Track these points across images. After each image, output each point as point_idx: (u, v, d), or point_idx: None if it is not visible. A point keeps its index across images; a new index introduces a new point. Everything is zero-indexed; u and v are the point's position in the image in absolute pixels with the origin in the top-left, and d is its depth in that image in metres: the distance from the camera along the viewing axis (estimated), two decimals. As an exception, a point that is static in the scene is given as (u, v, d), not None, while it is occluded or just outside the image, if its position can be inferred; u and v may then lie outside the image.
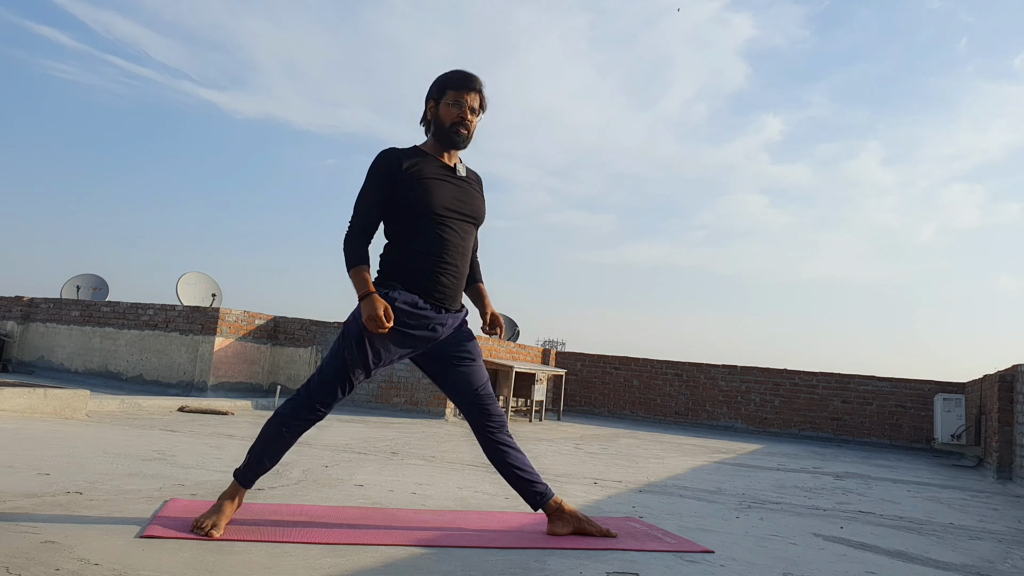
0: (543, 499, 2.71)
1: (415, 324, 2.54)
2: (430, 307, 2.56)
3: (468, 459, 5.05)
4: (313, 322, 10.51)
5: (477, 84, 2.65)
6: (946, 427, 9.12)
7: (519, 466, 2.69)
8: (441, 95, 2.65)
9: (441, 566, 2.17)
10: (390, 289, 2.53)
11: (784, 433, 11.18)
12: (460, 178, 2.67)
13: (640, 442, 7.94)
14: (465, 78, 2.64)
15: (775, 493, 4.56)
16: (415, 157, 2.61)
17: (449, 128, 2.62)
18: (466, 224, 2.66)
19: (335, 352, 2.54)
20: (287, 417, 2.52)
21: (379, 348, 2.52)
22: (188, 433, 5.38)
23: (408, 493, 3.49)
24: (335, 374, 2.51)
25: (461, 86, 2.63)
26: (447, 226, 2.59)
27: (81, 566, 1.87)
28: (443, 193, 2.59)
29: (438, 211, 2.57)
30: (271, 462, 2.56)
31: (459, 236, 2.63)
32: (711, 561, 2.49)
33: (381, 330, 2.44)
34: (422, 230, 2.56)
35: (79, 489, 2.92)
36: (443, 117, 2.63)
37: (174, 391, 9.55)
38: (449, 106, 2.62)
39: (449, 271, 2.60)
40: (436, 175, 2.60)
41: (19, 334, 11.40)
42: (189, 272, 11.45)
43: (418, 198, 2.55)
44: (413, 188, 2.55)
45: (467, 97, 2.63)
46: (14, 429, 4.70)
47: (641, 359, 12.32)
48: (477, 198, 2.72)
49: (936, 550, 3.08)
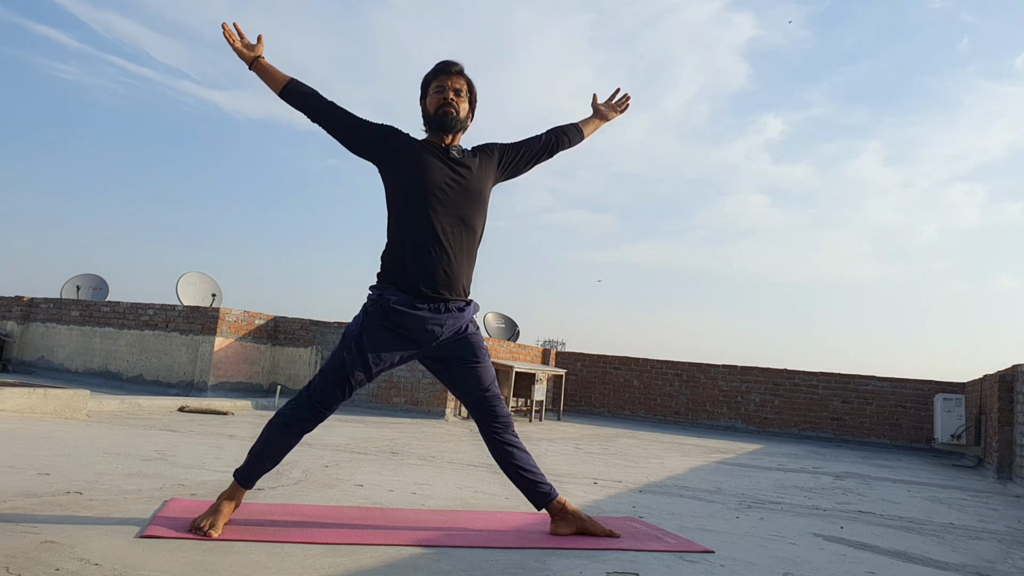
0: (547, 499, 2.71)
1: (412, 326, 2.50)
2: (427, 306, 2.51)
3: (468, 459, 5.05)
4: (313, 322, 10.51)
5: (454, 67, 2.65)
6: (946, 427, 9.12)
7: (524, 466, 2.69)
8: (425, 90, 2.67)
9: (441, 566, 2.16)
10: (384, 290, 2.52)
11: (784, 433, 11.18)
12: (452, 159, 2.61)
13: (640, 442, 7.94)
14: (442, 64, 2.65)
15: (775, 493, 4.56)
16: (415, 141, 2.62)
17: (435, 114, 2.61)
18: (462, 205, 2.58)
19: (335, 354, 2.53)
20: (288, 418, 2.52)
21: (378, 350, 2.50)
22: (188, 433, 5.38)
23: (408, 493, 3.49)
24: (335, 376, 2.50)
25: (439, 72, 2.64)
26: (437, 209, 2.52)
27: (81, 566, 1.87)
28: (432, 170, 2.54)
29: (424, 186, 2.52)
30: (271, 463, 2.55)
31: (454, 219, 2.55)
32: (711, 561, 2.49)
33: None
34: (411, 216, 2.52)
35: (79, 489, 2.92)
36: (429, 107, 2.64)
37: (174, 391, 9.55)
38: (432, 95, 2.63)
39: (443, 261, 2.52)
40: (427, 153, 2.58)
41: (19, 334, 11.40)
42: (189, 272, 11.44)
43: (405, 170, 2.54)
44: (401, 160, 2.55)
45: (447, 81, 2.63)
46: (14, 429, 4.70)
47: (641, 359, 12.32)
48: (475, 176, 2.63)
49: (936, 550, 3.08)
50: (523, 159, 2.80)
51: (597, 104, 3.04)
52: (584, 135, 2.97)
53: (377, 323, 2.51)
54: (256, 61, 2.57)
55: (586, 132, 2.98)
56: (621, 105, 3.07)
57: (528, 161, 2.82)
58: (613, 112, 3.05)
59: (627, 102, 3.07)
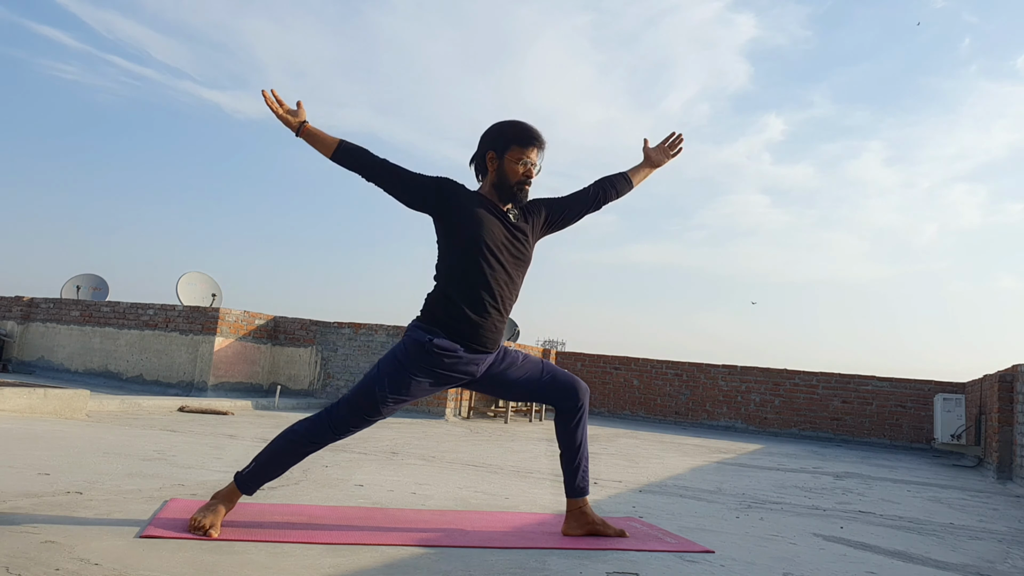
0: (578, 493, 2.74)
1: (452, 366, 2.52)
2: (472, 356, 2.54)
3: (468, 459, 5.05)
4: (313, 322, 10.51)
5: (543, 141, 2.62)
6: (946, 427, 9.12)
7: (577, 457, 2.74)
8: (505, 149, 2.59)
9: (441, 566, 2.17)
10: (432, 333, 2.50)
11: (784, 433, 11.18)
12: (511, 223, 2.61)
13: (640, 442, 7.94)
14: (532, 135, 2.60)
15: (775, 493, 4.56)
16: (476, 196, 2.59)
17: (514, 185, 2.59)
18: (514, 264, 2.60)
19: (366, 387, 2.49)
20: (301, 436, 2.50)
21: (413, 391, 2.51)
22: (188, 433, 5.38)
23: (408, 493, 3.49)
24: (363, 408, 2.48)
25: (527, 143, 2.59)
26: (493, 266, 2.53)
27: (81, 566, 1.87)
28: (493, 231, 2.54)
29: (485, 247, 2.51)
30: (276, 474, 2.55)
31: (507, 276, 2.57)
32: (711, 561, 2.49)
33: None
34: (467, 273, 2.51)
35: (79, 489, 2.92)
36: (508, 173, 2.58)
37: (174, 391, 9.55)
38: (514, 163, 2.58)
39: (492, 318, 2.55)
40: (488, 212, 2.56)
41: (19, 334, 11.40)
42: (189, 272, 11.45)
43: (466, 229, 2.51)
44: (461, 218, 2.52)
45: (532, 154, 2.60)
46: (14, 429, 4.70)
47: (641, 359, 12.32)
48: (529, 241, 2.66)
49: (936, 550, 3.08)
50: (568, 217, 2.80)
51: (648, 149, 2.98)
52: (633, 184, 2.93)
53: (417, 363, 2.49)
54: (302, 127, 2.50)
55: (635, 181, 2.94)
56: (673, 149, 3.01)
57: (573, 218, 2.82)
58: (665, 157, 2.99)
59: (680, 145, 3.01)
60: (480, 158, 2.65)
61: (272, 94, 2.51)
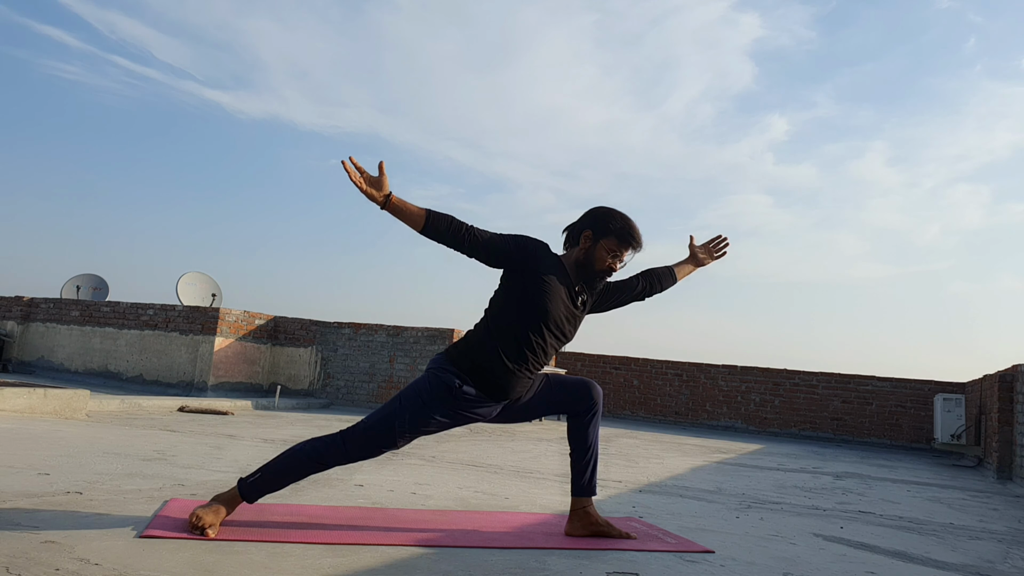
0: (584, 493, 2.75)
1: (473, 408, 2.54)
2: (495, 401, 2.57)
3: (468, 459, 5.06)
4: (313, 322, 10.51)
5: (640, 246, 2.65)
6: (946, 427, 9.13)
7: (587, 456, 2.76)
8: (604, 236, 2.60)
9: (441, 566, 2.16)
10: (461, 379, 2.49)
11: (784, 433, 11.18)
12: (576, 304, 2.63)
13: (640, 442, 7.94)
14: (633, 236, 2.62)
15: (775, 493, 4.56)
16: (556, 263, 2.59)
17: (597, 271, 2.61)
18: (562, 337, 2.62)
19: (386, 420, 2.48)
20: (311, 454, 2.48)
21: (432, 427, 2.52)
22: (188, 433, 5.38)
23: (408, 493, 3.49)
24: (380, 438, 2.48)
25: (626, 241, 2.61)
26: (546, 338, 2.54)
27: (81, 566, 1.87)
28: (559, 306, 2.54)
29: (548, 319, 2.52)
30: (279, 487, 2.54)
31: (554, 346, 2.60)
32: (711, 561, 2.49)
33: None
34: (521, 333, 2.50)
35: (79, 489, 2.92)
36: (597, 259, 2.60)
37: (174, 391, 9.55)
38: (606, 253, 2.60)
39: (526, 377, 2.57)
40: (562, 285, 2.56)
41: (19, 334, 11.40)
42: (189, 272, 11.45)
43: (537, 297, 2.51)
44: (536, 285, 2.51)
45: (625, 253, 2.63)
46: (14, 429, 4.70)
47: (641, 359, 12.32)
48: (580, 322, 2.69)
49: (936, 550, 3.08)
50: (614, 303, 2.85)
51: (694, 248, 3.04)
52: (676, 280, 2.98)
53: (441, 403, 2.49)
54: (388, 201, 2.41)
55: (679, 276, 2.99)
56: (718, 251, 3.05)
57: (617, 305, 2.87)
58: (709, 258, 3.04)
59: (725, 248, 3.06)
60: (577, 231, 2.67)
61: (352, 163, 2.42)
